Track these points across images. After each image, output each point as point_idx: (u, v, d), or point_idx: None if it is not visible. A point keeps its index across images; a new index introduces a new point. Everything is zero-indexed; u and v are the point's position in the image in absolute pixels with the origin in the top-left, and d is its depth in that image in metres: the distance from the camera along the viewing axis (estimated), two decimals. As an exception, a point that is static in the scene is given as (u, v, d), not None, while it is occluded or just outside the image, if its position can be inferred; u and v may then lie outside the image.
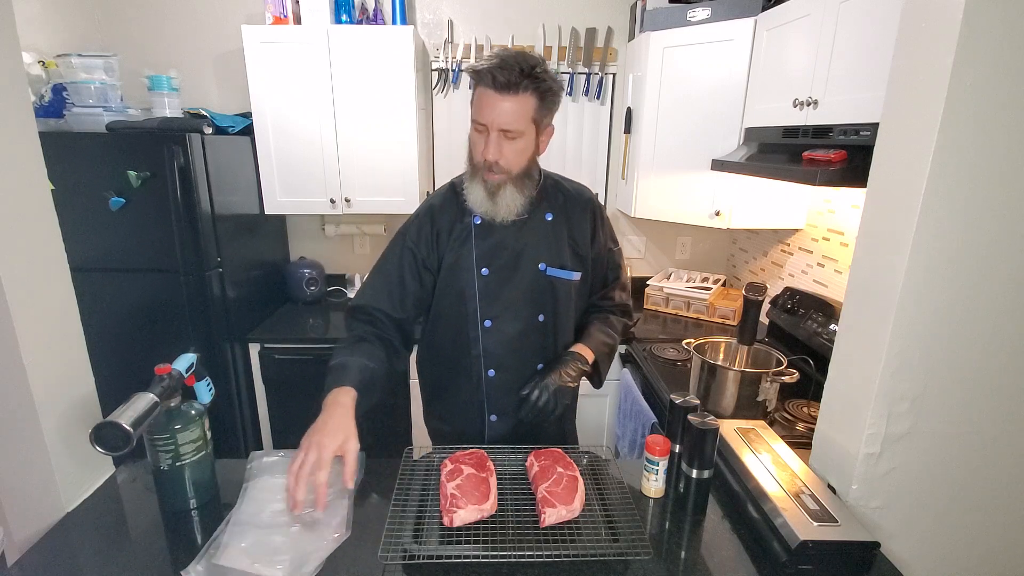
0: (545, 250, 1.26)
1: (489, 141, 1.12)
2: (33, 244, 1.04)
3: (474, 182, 1.20)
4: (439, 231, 1.25)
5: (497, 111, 1.09)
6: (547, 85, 1.10)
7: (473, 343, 1.28)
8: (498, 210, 1.20)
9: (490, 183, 1.17)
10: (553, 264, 1.27)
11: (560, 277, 1.27)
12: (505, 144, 1.12)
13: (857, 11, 1.43)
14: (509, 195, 1.18)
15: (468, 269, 1.24)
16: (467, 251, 1.24)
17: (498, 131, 1.11)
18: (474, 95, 1.14)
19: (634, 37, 2.43)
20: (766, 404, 1.50)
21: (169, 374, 1.06)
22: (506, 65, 1.07)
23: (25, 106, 1.03)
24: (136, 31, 2.44)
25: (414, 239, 1.26)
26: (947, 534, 1.13)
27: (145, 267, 2.00)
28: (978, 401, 1.05)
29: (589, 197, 1.35)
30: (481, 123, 1.12)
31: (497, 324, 1.26)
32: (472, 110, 1.14)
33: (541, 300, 1.27)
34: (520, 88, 1.07)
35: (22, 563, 0.94)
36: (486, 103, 1.10)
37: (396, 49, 2.21)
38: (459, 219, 1.25)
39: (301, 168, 2.33)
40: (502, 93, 1.08)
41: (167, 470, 1.04)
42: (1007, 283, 0.98)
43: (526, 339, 1.28)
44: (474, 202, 1.20)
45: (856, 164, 1.38)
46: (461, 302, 1.26)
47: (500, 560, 0.92)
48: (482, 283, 1.24)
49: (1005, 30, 0.85)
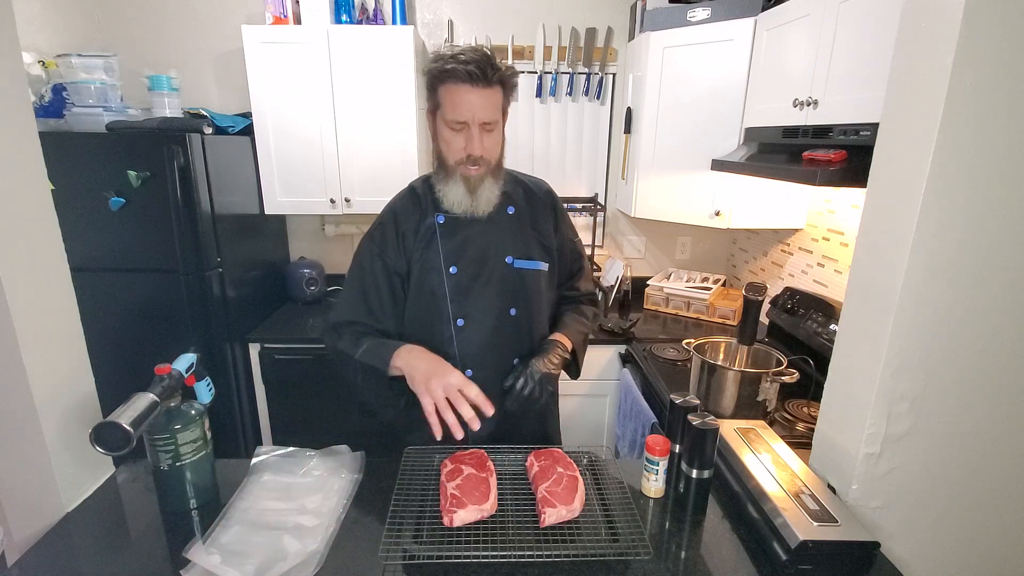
0: (511, 243, 1.27)
1: (471, 136, 1.14)
2: (33, 244, 1.04)
3: (451, 181, 1.20)
4: (404, 233, 1.25)
5: (476, 105, 1.11)
6: (509, 74, 1.14)
7: (448, 343, 1.26)
8: (478, 204, 1.20)
9: (472, 178, 1.18)
10: (520, 256, 1.27)
11: (528, 268, 1.28)
12: (485, 137, 1.15)
13: (857, 11, 1.43)
14: (487, 187, 1.20)
15: (436, 269, 1.24)
16: (433, 251, 1.24)
17: (479, 125, 1.13)
18: (441, 97, 1.14)
19: (634, 37, 2.43)
20: (766, 404, 1.50)
21: (169, 374, 1.06)
22: (474, 60, 1.09)
23: (25, 106, 1.03)
24: (136, 31, 2.44)
25: (380, 246, 1.25)
26: (947, 534, 1.13)
27: (145, 267, 2.00)
28: (978, 401, 1.04)
29: (547, 189, 1.37)
30: (460, 121, 1.13)
31: (470, 322, 1.26)
32: (444, 111, 1.14)
33: (511, 294, 1.27)
34: (492, 80, 1.11)
35: (22, 563, 0.94)
36: (462, 99, 1.11)
37: (396, 49, 2.21)
38: (422, 220, 1.25)
39: (301, 168, 2.33)
40: (478, 87, 1.10)
41: (167, 470, 1.04)
42: (1007, 283, 0.98)
43: (500, 335, 1.27)
44: (452, 201, 1.20)
45: (856, 164, 1.38)
46: (432, 303, 1.25)
47: (500, 560, 0.92)
48: (452, 282, 1.24)
49: (1005, 30, 0.85)
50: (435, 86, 1.15)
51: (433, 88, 1.15)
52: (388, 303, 1.26)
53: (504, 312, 1.27)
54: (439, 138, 1.19)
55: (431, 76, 1.14)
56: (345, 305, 1.27)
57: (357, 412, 2.27)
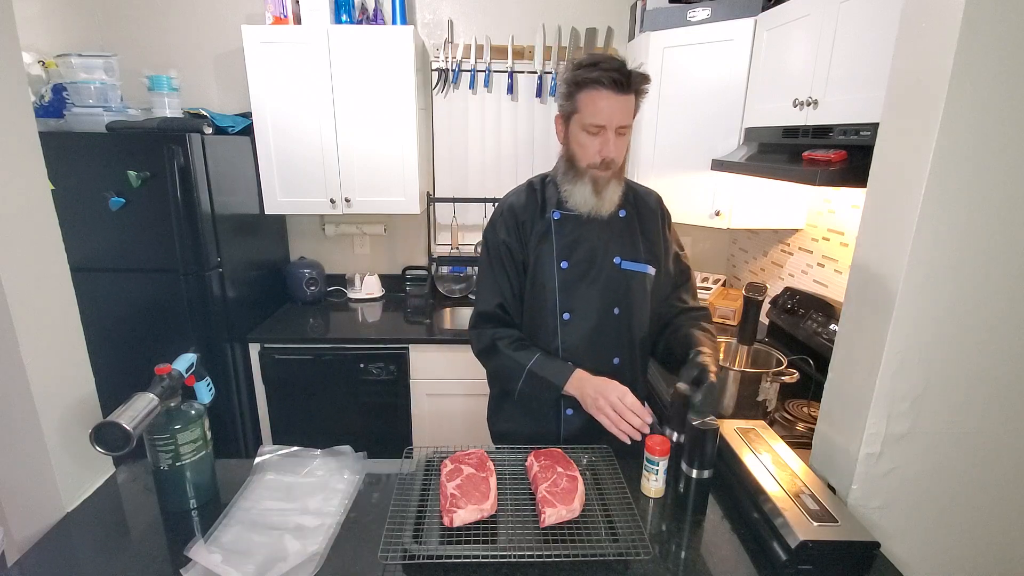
0: (620, 244, 1.30)
1: (607, 140, 1.18)
2: (33, 244, 1.04)
3: (579, 182, 1.24)
4: (523, 223, 1.30)
5: (616, 111, 1.16)
6: (644, 83, 1.19)
7: (552, 335, 1.31)
8: (603, 204, 1.25)
9: (600, 180, 1.23)
10: (628, 258, 1.30)
11: (635, 270, 1.30)
12: (617, 141, 1.20)
13: (857, 11, 1.43)
14: (612, 189, 1.25)
15: (549, 263, 1.29)
16: (548, 245, 1.29)
17: (614, 129, 1.18)
18: (577, 101, 1.18)
19: (634, 37, 2.43)
20: (766, 404, 1.50)
21: (169, 374, 1.06)
22: (617, 67, 1.14)
23: (25, 106, 1.03)
24: (136, 31, 2.44)
25: (505, 236, 1.31)
26: (947, 534, 1.13)
27: (145, 267, 2.00)
28: (978, 401, 1.05)
29: (658, 198, 1.40)
30: (598, 124, 1.17)
31: (575, 317, 1.29)
32: (583, 115, 1.18)
33: (616, 294, 1.30)
34: (631, 87, 1.16)
35: (22, 563, 0.94)
36: (604, 104, 1.15)
37: (396, 49, 2.21)
38: (539, 215, 1.30)
39: (301, 168, 2.33)
40: (620, 93, 1.15)
41: (167, 470, 1.04)
42: (1007, 283, 0.98)
43: (602, 332, 1.31)
44: (579, 201, 1.25)
45: (856, 164, 1.38)
46: (542, 295, 1.30)
47: (500, 560, 0.92)
48: (561, 276, 1.28)
49: (1005, 30, 0.85)
50: (574, 92, 1.19)
51: (571, 94, 1.19)
52: (517, 287, 1.32)
53: (608, 310, 1.30)
54: (573, 141, 1.23)
55: (572, 82, 1.18)
56: (487, 292, 1.33)
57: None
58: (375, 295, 2.75)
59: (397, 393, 2.31)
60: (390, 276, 2.82)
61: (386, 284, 2.80)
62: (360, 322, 2.48)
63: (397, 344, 2.26)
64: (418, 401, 2.34)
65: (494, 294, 1.32)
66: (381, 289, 2.77)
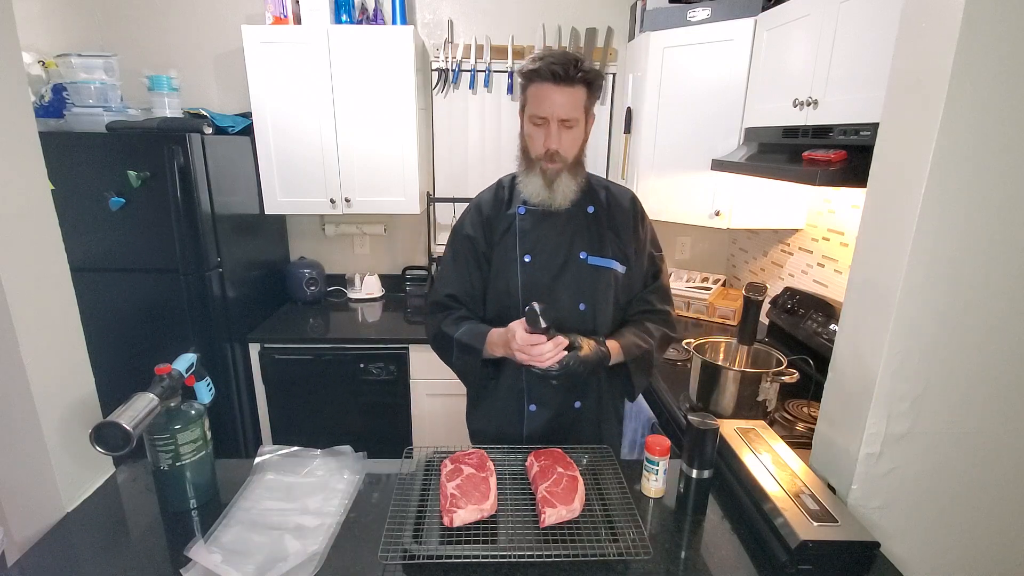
0: (587, 240, 1.30)
1: (549, 132, 1.20)
2: (33, 244, 1.04)
3: (531, 174, 1.26)
4: (488, 219, 1.33)
5: (556, 102, 1.17)
6: (593, 75, 1.19)
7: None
8: (555, 197, 1.26)
9: (549, 172, 1.24)
10: (594, 253, 1.30)
11: (601, 266, 1.30)
12: (563, 133, 1.21)
13: (857, 11, 1.43)
14: (564, 182, 1.25)
15: (512, 258, 1.29)
16: (511, 240, 1.30)
17: (557, 121, 1.19)
18: (527, 94, 1.22)
19: (634, 37, 2.43)
20: (766, 404, 1.50)
21: (169, 374, 1.06)
22: (559, 60, 1.16)
23: (25, 106, 1.03)
24: (136, 31, 2.44)
25: (470, 230, 1.33)
26: (947, 534, 1.13)
27: (145, 267, 2.00)
28: (978, 401, 1.05)
29: (632, 197, 1.39)
30: (541, 116, 1.19)
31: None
32: (529, 107, 1.22)
33: (582, 289, 1.30)
34: (574, 80, 1.16)
35: (22, 563, 0.94)
36: (545, 96, 1.18)
37: (396, 49, 2.21)
38: (505, 210, 1.32)
39: (301, 168, 2.33)
40: (560, 85, 1.16)
41: (167, 470, 1.04)
42: (1007, 283, 0.98)
43: (567, 328, 1.28)
44: (531, 192, 1.27)
45: (856, 164, 1.38)
46: (505, 291, 1.30)
47: (500, 560, 0.92)
48: (524, 271, 1.28)
49: (1005, 30, 0.85)
50: (524, 86, 1.22)
51: (523, 88, 1.23)
52: (478, 280, 1.34)
53: (573, 306, 1.30)
54: (524, 133, 1.26)
55: (522, 76, 1.21)
56: (441, 283, 1.36)
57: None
58: (375, 295, 2.75)
59: (397, 393, 2.31)
60: (390, 276, 2.82)
61: (386, 284, 2.81)
62: (360, 322, 2.48)
63: (397, 344, 2.26)
64: (418, 401, 2.34)
65: (447, 285, 1.34)
66: (381, 289, 2.77)
